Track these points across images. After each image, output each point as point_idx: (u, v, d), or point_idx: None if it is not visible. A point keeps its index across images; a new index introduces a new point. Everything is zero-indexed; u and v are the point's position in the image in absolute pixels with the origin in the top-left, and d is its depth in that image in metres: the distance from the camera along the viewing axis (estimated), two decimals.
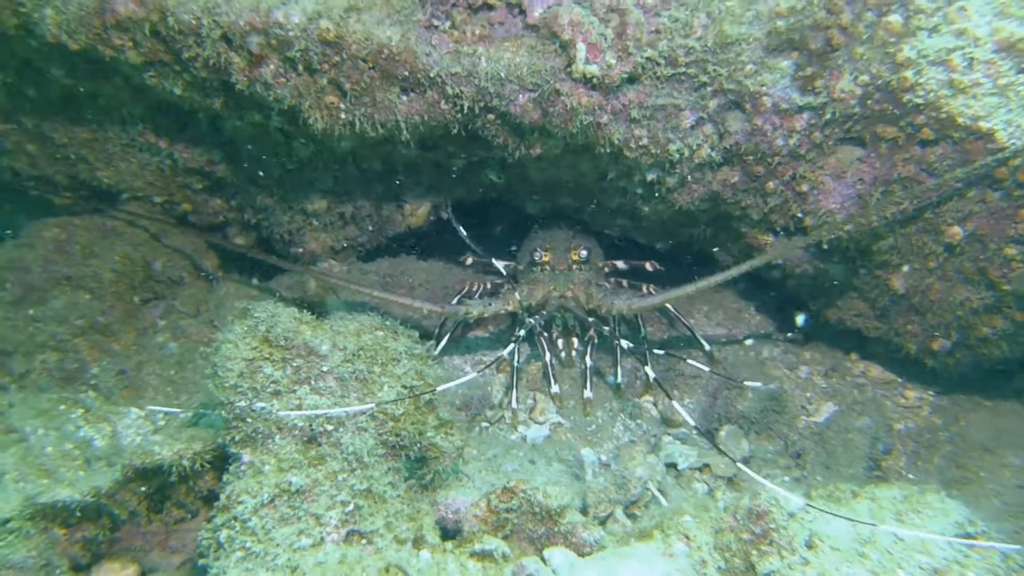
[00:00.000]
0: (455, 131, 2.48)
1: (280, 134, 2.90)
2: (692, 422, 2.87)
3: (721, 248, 3.38)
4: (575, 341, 3.64)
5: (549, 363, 3.50)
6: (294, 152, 3.06)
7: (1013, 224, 2.32)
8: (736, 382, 3.37)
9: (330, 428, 2.08)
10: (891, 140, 2.39)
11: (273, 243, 3.86)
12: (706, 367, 3.38)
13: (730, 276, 2.64)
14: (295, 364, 2.10)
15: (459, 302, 3.43)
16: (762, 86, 2.35)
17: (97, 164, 3.52)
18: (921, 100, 2.27)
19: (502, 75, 2.24)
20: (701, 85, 2.36)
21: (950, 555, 1.99)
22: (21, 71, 3.04)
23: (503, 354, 3.23)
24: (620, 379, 3.51)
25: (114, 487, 2.06)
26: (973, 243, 2.45)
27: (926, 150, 2.37)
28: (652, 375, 3.20)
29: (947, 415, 3.41)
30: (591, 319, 3.36)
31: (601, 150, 2.48)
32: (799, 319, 3.40)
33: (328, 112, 2.32)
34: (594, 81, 2.25)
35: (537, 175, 3.16)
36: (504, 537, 2.21)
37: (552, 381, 3.50)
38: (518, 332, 3.29)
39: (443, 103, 2.36)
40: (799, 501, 2.13)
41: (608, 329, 3.32)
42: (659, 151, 2.45)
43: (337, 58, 2.22)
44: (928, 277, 2.62)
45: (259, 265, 3.97)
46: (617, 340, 3.32)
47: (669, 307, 3.66)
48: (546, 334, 3.54)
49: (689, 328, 3.63)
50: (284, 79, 2.28)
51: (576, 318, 3.48)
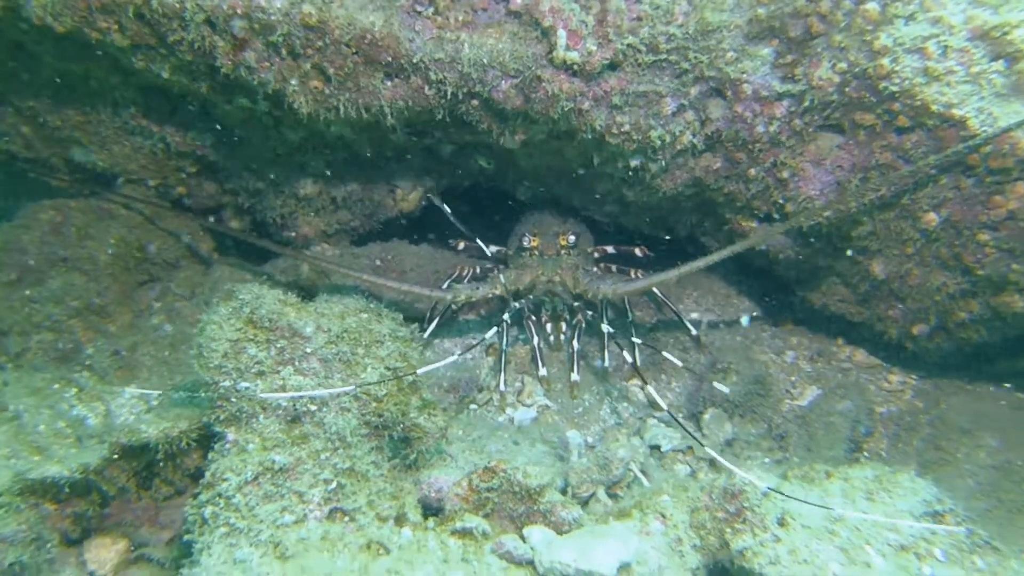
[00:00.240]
0: (440, 116, 2.51)
1: (269, 118, 2.93)
2: (664, 406, 2.93)
3: (707, 234, 3.41)
4: (563, 325, 3.68)
5: (537, 346, 3.54)
6: (284, 137, 3.09)
7: (986, 210, 2.35)
8: (704, 373, 3.43)
9: (313, 408, 2.12)
10: (869, 127, 2.42)
11: (267, 226, 3.89)
12: (679, 361, 3.44)
13: (711, 261, 2.67)
14: (279, 345, 2.14)
15: (448, 287, 3.47)
16: (743, 73, 2.37)
17: (91, 147, 3.55)
18: (897, 88, 2.29)
19: (484, 61, 2.26)
20: (682, 72, 2.38)
21: (917, 532, 2.04)
22: (13, 53, 3.07)
23: (486, 337, 3.27)
24: (607, 363, 3.56)
25: (102, 464, 2.11)
26: (948, 229, 2.48)
27: (902, 137, 2.40)
28: (630, 360, 3.24)
29: (929, 398, 3.45)
30: (576, 304, 3.40)
31: (583, 136, 2.51)
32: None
33: (313, 97, 2.35)
34: (575, 68, 2.27)
35: (525, 161, 3.19)
36: (485, 515, 2.25)
37: (540, 364, 3.54)
38: (504, 316, 3.33)
39: (427, 88, 2.38)
40: (761, 485, 2.18)
41: (592, 314, 3.36)
42: (641, 137, 2.48)
43: (320, 43, 2.24)
44: (907, 263, 2.66)
45: (256, 248, 4.01)
46: (603, 325, 3.36)
47: (656, 292, 3.70)
48: (534, 318, 3.58)
49: (676, 312, 3.67)
50: (268, 63, 2.30)
51: (564, 302, 3.52)
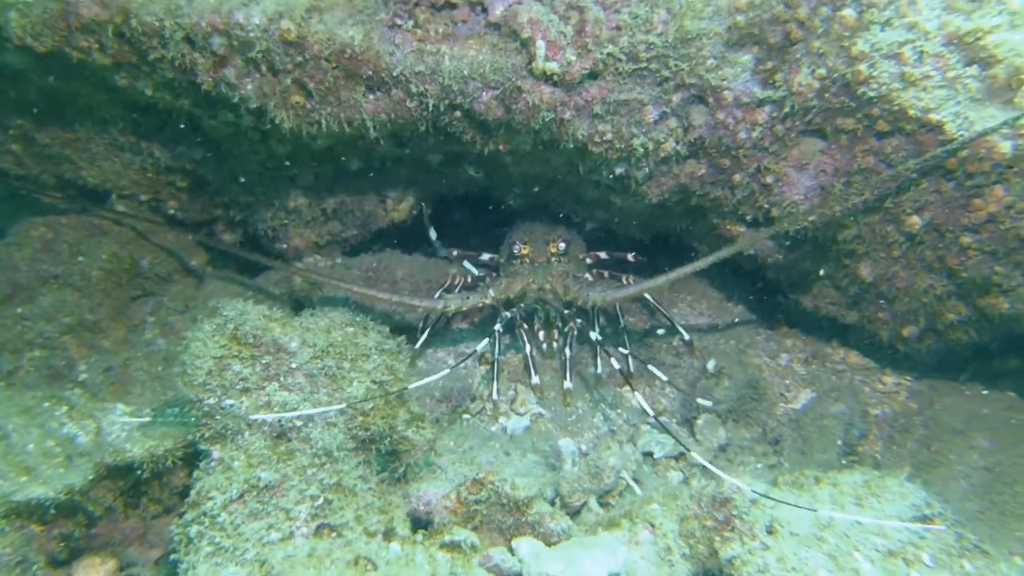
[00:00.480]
0: (423, 128, 2.51)
1: (256, 132, 2.93)
2: (651, 412, 2.92)
3: (697, 239, 3.41)
4: (556, 332, 3.68)
5: (530, 354, 3.54)
6: (271, 150, 3.09)
7: (967, 213, 2.35)
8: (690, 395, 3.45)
9: (299, 424, 2.12)
10: (850, 132, 2.42)
11: (259, 239, 3.90)
12: (664, 376, 3.46)
13: (699, 267, 2.67)
14: (264, 361, 2.14)
15: (439, 297, 3.47)
16: (723, 80, 2.37)
17: (81, 163, 3.56)
18: (875, 93, 2.30)
19: (465, 73, 2.27)
20: (663, 80, 2.38)
21: (905, 537, 2.03)
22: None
23: (476, 350, 3.28)
24: (600, 370, 3.55)
25: (87, 485, 2.11)
26: (931, 232, 2.48)
27: (883, 141, 2.40)
28: (618, 367, 3.24)
29: (923, 400, 3.44)
30: (567, 311, 3.40)
31: (566, 145, 2.51)
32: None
33: (295, 112, 2.36)
34: (555, 78, 2.27)
35: (514, 169, 3.19)
36: (474, 528, 2.25)
37: (533, 372, 3.54)
38: (495, 327, 3.33)
39: (409, 101, 2.39)
40: (747, 489, 2.18)
41: (580, 321, 3.36)
42: (624, 146, 2.48)
43: (300, 58, 2.25)
44: (893, 265, 2.66)
45: (250, 260, 4.01)
46: (592, 332, 3.36)
47: (648, 297, 3.70)
48: (526, 326, 3.58)
49: (668, 318, 3.67)
50: (248, 80, 2.31)
51: (555, 310, 3.52)
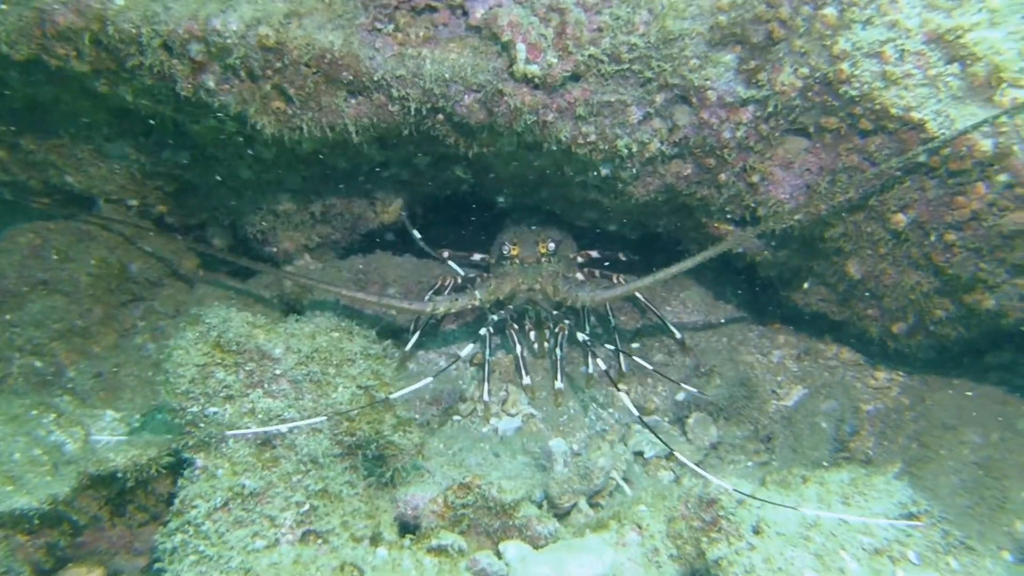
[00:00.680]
0: (407, 132, 2.51)
1: (241, 137, 2.92)
2: (635, 411, 2.92)
3: (687, 238, 3.41)
4: (547, 333, 3.68)
5: (520, 355, 3.53)
6: (257, 154, 3.08)
7: (950, 211, 2.35)
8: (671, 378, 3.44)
9: (284, 430, 2.11)
10: (834, 130, 2.42)
11: (249, 243, 3.89)
12: (649, 364, 3.45)
13: (686, 267, 2.67)
14: (248, 368, 2.13)
15: (428, 299, 3.46)
16: (707, 80, 2.37)
17: (67, 169, 3.55)
18: (856, 92, 2.29)
19: (447, 76, 2.26)
20: (647, 81, 2.38)
21: (892, 535, 2.03)
22: None
23: (461, 355, 3.27)
24: (591, 370, 3.55)
25: (71, 494, 2.10)
26: (916, 229, 2.48)
27: (866, 140, 2.40)
28: (604, 367, 3.23)
29: (915, 395, 3.44)
30: (555, 311, 3.40)
31: (550, 147, 2.51)
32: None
33: (276, 117, 2.35)
34: (536, 81, 2.27)
35: (502, 171, 3.18)
36: (461, 532, 2.25)
37: (524, 373, 3.53)
38: (480, 331, 3.33)
39: (391, 105, 2.38)
40: (727, 487, 2.19)
41: (568, 322, 3.36)
42: (608, 147, 2.48)
43: (279, 64, 2.24)
44: (881, 263, 2.66)
45: (240, 264, 4.00)
46: (579, 333, 3.36)
47: (639, 296, 3.70)
48: (516, 326, 3.58)
49: (660, 317, 3.67)
50: (228, 86, 2.30)
51: (545, 310, 3.51)
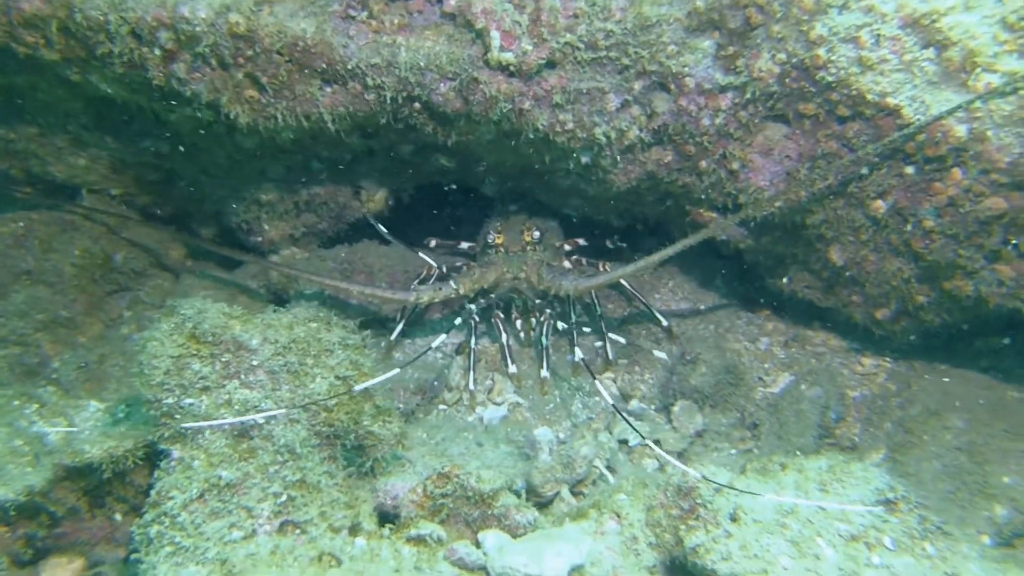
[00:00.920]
0: (384, 121, 2.49)
1: (220, 126, 2.90)
2: (609, 399, 2.92)
3: (672, 225, 3.40)
4: (534, 321, 3.67)
5: (506, 343, 3.53)
6: (238, 143, 3.06)
7: (928, 197, 2.34)
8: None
9: (261, 421, 2.11)
10: (812, 117, 2.40)
11: (234, 232, 3.88)
12: (622, 339, 3.53)
13: (667, 254, 2.65)
14: (224, 359, 2.13)
15: (412, 288, 3.45)
16: (684, 67, 2.34)
17: (48, 158, 3.53)
18: (833, 78, 2.27)
19: (422, 64, 2.24)
20: (624, 68, 2.36)
21: (868, 521, 2.04)
22: None
23: (432, 345, 3.27)
24: (578, 357, 3.54)
25: (47, 486, 2.10)
26: (895, 216, 2.47)
27: (844, 126, 2.38)
28: (580, 355, 3.23)
29: (901, 381, 3.44)
30: (538, 300, 3.40)
31: (527, 136, 2.49)
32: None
33: (249, 106, 2.33)
34: (511, 68, 2.25)
35: (486, 159, 3.17)
36: (441, 521, 2.25)
37: (510, 361, 3.53)
38: (458, 319, 3.33)
39: (367, 94, 2.36)
40: (695, 474, 2.20)
41: (549, 312, 3.36)
42: (586, 135, 2.46)
43: (250, 52, 2.21)
44: (862, 249, 2.65)
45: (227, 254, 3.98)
46: (558, 321, 3.37)
47: (625, 284, 3.69)
48: (502, 315, 3.57)
49: (646, 304, 3.66)
50: (199, 75, 2.28)
51: (529, 299, 3.51)
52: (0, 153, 3.54)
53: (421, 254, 3.81)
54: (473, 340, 3.43)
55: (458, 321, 3.32)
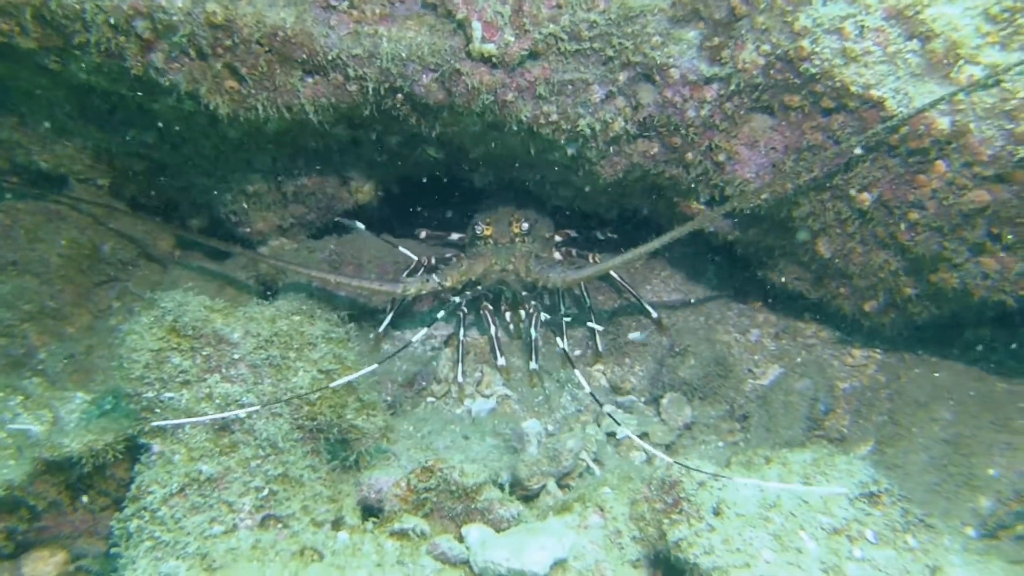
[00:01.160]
0: (368, 112, 2.46)
1: (204, 116, 2.87)
2: (588, 388, 2.91)
3: (662, 217, 3.38)
4: (523, 313, 3.66)
5: (495, 336, 3.52)
6: (223, 134, 3.03)
7: (912, 189, 2.33)
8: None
9: (243, 415, 2.10)
10: (797, 108, 2.38)
11: (222, 223, 3.85)
12: (600, 327, 3.54)
13: (654, 247, 2.64)
14: (205, 353, 2.11)
15: (400, 280, 3.44)
16: (669, 58, 2.32)
17: (32, 148, 3.50)
18: (817, 69, 2.25)
19: (404, 55, 2.21)
20: (608, 59, 2.33)
21: (850, 514, 2.03)
22: None
23: (412, 341, 3.26)
24: (566, 348, 3.53)
25: (26, 480, 2.09)
26: (881, 208, 2.45)
27: (829, 118, 2.36)
28: (562, 345, 3.21)
29: (891, 372, 3.44)
30: (526, 292, 3.38)
31: (511, 127, 2.47)
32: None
33: (229, 97, 2.30)
34: (493, 59, 2.22)
35: (474, 150, 3.14)
36: (425, 515, 2.24)
37: (499, 354, 3.52)
38: (441, 312, 3.31)
39: (349, 85, 2.33)
40: (667, 459, 2.20)
41: (538, 304, 3.34)
42: (570, 126, 2.44)
43: (229, 42, 2.18)
44: (849, 242, 2.64)
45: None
46: (542, 313, 3.36)
47: (615, 276, 3.68)
48: (491, 307, 3.56)
49: (636, 296, 3.65)
50: (177, 65, 2.25)
51: (517, 291, 3.49)
52: None
53: (401, 248, 3.77)
54: (462, 332, 3.42)
55: (441, 314, 3.29)
